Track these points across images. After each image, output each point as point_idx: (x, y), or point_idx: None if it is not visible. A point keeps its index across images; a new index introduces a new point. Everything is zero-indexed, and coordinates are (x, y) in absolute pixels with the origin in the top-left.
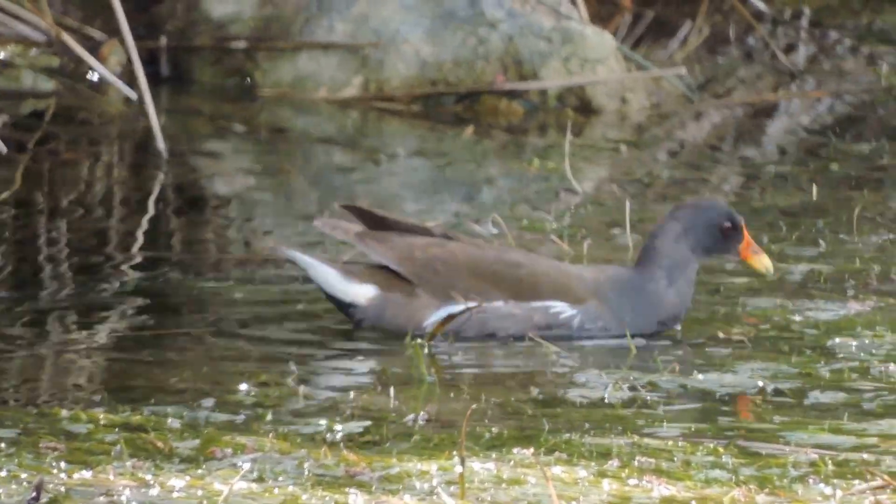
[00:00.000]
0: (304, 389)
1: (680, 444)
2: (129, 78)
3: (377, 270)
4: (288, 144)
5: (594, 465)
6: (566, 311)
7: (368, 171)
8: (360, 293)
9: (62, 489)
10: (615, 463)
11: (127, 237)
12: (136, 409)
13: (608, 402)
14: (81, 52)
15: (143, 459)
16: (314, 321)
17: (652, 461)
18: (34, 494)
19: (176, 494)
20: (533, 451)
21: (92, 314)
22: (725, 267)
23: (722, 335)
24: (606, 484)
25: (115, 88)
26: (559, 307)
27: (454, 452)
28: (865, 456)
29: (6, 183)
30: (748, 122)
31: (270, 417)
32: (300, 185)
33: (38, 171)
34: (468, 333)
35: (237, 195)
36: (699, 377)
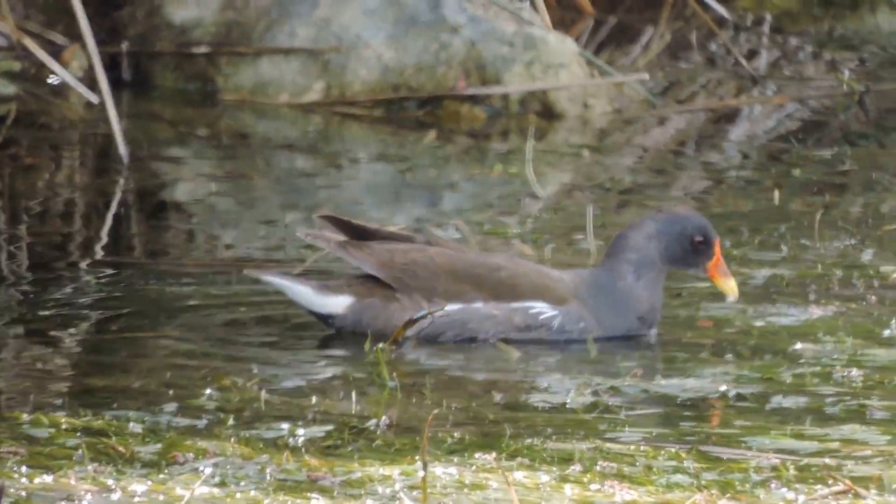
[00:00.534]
0: (266, 394)
1: (642, 448)
2: (90, 83)
3: (357, 281)
4: (250, 149)
5: (556, 469)
6: (546, 311)
7: (330, 176)
8: (336, 304)
9: (23, 494)
10: (577, 468)
11: (88, 242)
12: (97, 413)
13: (570, 406)
14: (43, 56)
15: (104, 464)
16: (276, 326)
17: (614, 466)
18: None
19: (137, 499)
20: (495, 455)
21: (53, 319)
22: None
23: (684, 340)
24: (568, 489)
25: (76, 93)
26: (539, 307)
27: (416, 457)
28: (827, 460)
29: None
30: (710, 127)
31: (232, 422)
32: (262, 190)
33: None
34: (448, 336)
35: (199, 200)
36: (661, 382)
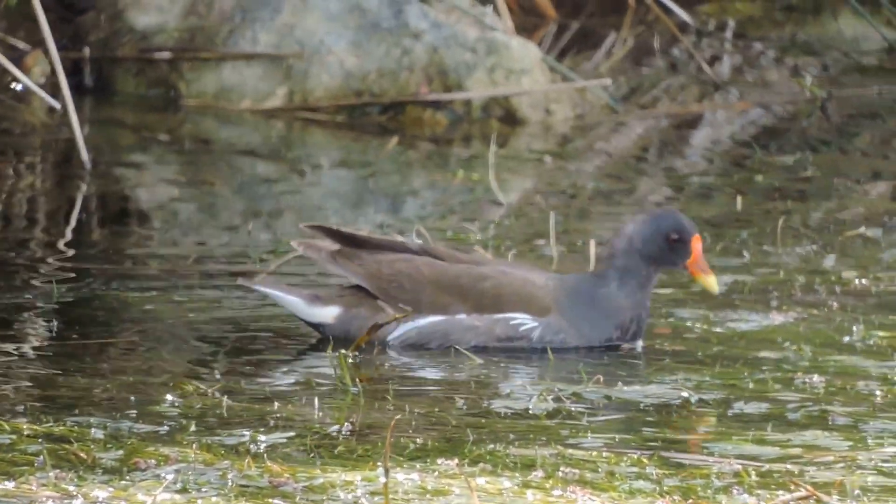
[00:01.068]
0: (228, 400)
1: (604, 454)
2: (52, 88)
3: (348, 291)
4: (212, 155)
5: (518, 475)
6: (527, 323)
7: (293, 182)
8: (326, 314)
9: None
10: (539, 474)
11: (50, 247)
12: (59, 419)
13: (533, 412)
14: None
15: (66, 470)
16: (238, 331)
17: (576, 472)
18: None
19: None
20: (457, 461)
21: (15, 325)
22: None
23: (645, 346)
24: (531, 495)
25: (38, 99)
26: (520, 319)
27: (378, 463)
28: (789, 466)
29: None
30: (673, 132)
31: (194, 428)
32: (224, 195)
33: None
34: (431, 346)
35: (161, 206)
36: (623, 388)
